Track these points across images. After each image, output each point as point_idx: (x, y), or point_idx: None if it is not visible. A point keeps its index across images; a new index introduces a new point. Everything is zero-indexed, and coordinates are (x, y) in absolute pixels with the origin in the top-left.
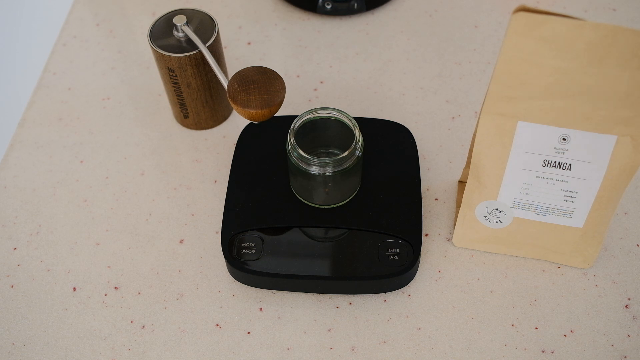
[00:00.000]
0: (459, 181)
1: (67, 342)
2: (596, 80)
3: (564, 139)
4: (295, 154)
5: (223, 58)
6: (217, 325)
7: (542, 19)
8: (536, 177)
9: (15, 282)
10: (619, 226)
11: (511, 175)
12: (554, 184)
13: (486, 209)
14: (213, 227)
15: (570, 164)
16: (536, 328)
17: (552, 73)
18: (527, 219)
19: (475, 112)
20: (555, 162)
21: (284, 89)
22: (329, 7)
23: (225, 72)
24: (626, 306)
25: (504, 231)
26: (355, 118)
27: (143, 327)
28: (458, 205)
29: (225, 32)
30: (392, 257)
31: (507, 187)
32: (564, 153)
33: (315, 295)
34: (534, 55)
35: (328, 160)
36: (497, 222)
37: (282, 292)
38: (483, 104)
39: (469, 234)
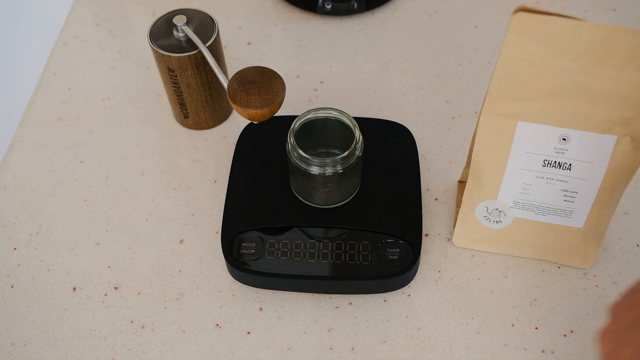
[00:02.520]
0: (459, 181)
1: (67, 342)
2: (596, 80)
3: (564, 139)
4: (295, 154)
5: (223, 58)
6: (217, 325)
7: (542, 20)
8: (536, 177)
9: (15, 282)
10: (619, 226)
11: (511, 175)
12: (554, 184)
13: (486, 209)
14: (213, 227)
15: (570, 164)
16: (536, 328)
17: (552, 73)
18: (527, 219)
19: (475, 112)
20: (555, 162)
21: (284, 89)
22: (329, 7)
23: (225, 72)
24: None
25: (504, 231)
26: (355, 118)
27: (143, 327)
28: (458, 205)
29: (225, 32)
30: (392, 257)
31: (507, 187)
32: (564, 153)
33: (315, 295)
34: (534, 56)
35: (328, 160)
36: (497, 222)
37: (282, 292)
38: (483, 104)
39: (469, 234)
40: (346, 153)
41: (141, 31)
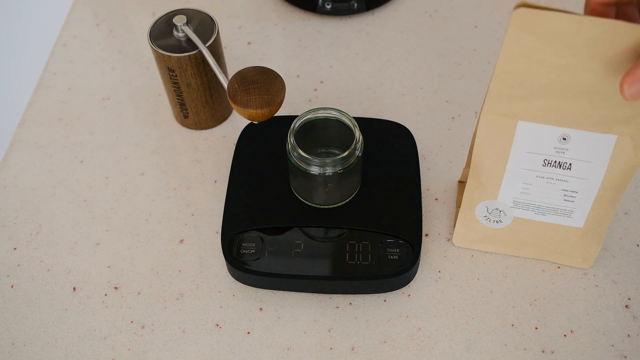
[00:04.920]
0: (459, 181)
1: (67, 342)
2: (596, 77)
3: (564, 139)
4: (295, 154)
5: (223, 58)
6: (217, 325)
7: (543, 15)
8: (536, 176)
9: (15, 282)
10: (619, 226)
11: (511, 175)
12: (554, 184)
13: (486, 208)
14: (213, 227)
15: (570, 164)
16: (536, 328)
17: (553, 70)
18: (527, 219)
19: (475, 112)
20: (555, 161)
21: (284, 89)
22: (329, 7)
23: (225, 72)
24: (626, 306)
25: (504, 231)
26: (355, 118)
27: (143, 327)
28: (458, 205)
29: (225, 32)
30: (392, 257)
31: (507, 186)
32: (564, 153)
33: (315, 295)
34: (535, 52)
35: (328, 160)
36: (497, 221)
37: (282, 292)
38: (483, 104)
39: (469, 234)
40: (346, 153)
41: (141, 31)
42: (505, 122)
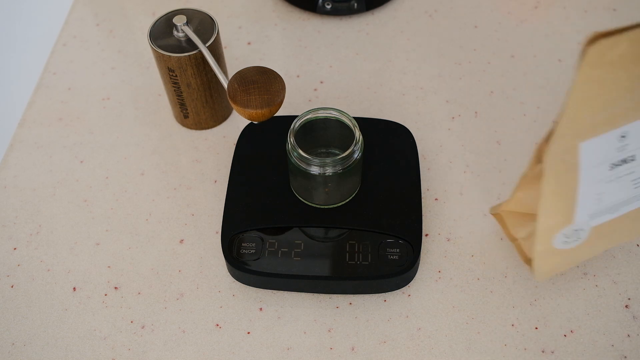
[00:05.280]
0: (496, 213)
1: (67, 342)
2: None
3: (623, 136)
4: (295, 154)
5: (223, 58)
6: (217, 325)
7: (617, 40)
8: (606, 182)
9: (15, 282)
10: None
11: (584, 194)
12: (623, 180)
13: (564, 235)
14: (213, 227)
15: (633, 155)
16: (536, 328)
17: (622, 84)
18: (604, 223)
19: (476, 112)
20: (620, 160)
21: (284, 89)
22: (329, 7)
23: (225, 72)
24: (626, 306)
25: (584, 244)
26: (355, 118)
27: (143, 327)
28: (511, 239)
29: (225, 32)
30: (392, 257)
31: (582, 206)
32: (625, 148)
33: (315, 295)
34: (607, 79)
35: (328, 160)
36: (576, 240)
37: (282, 292)
38: (547, 149)
39: (550, 263)
40: (346, 153)
41: (141, 31)
42: (569, 152)
